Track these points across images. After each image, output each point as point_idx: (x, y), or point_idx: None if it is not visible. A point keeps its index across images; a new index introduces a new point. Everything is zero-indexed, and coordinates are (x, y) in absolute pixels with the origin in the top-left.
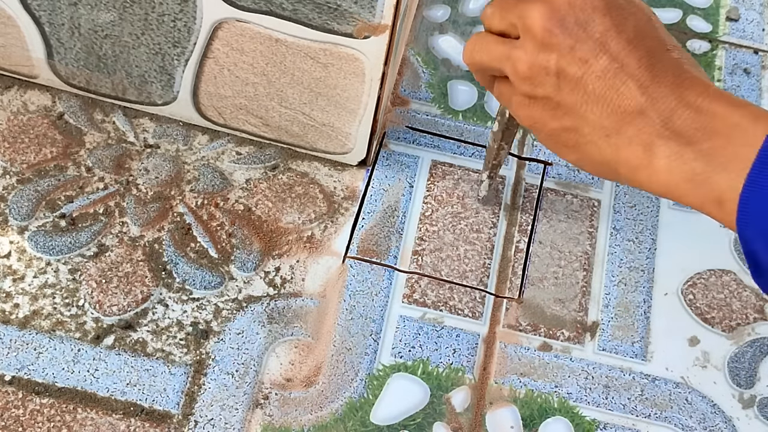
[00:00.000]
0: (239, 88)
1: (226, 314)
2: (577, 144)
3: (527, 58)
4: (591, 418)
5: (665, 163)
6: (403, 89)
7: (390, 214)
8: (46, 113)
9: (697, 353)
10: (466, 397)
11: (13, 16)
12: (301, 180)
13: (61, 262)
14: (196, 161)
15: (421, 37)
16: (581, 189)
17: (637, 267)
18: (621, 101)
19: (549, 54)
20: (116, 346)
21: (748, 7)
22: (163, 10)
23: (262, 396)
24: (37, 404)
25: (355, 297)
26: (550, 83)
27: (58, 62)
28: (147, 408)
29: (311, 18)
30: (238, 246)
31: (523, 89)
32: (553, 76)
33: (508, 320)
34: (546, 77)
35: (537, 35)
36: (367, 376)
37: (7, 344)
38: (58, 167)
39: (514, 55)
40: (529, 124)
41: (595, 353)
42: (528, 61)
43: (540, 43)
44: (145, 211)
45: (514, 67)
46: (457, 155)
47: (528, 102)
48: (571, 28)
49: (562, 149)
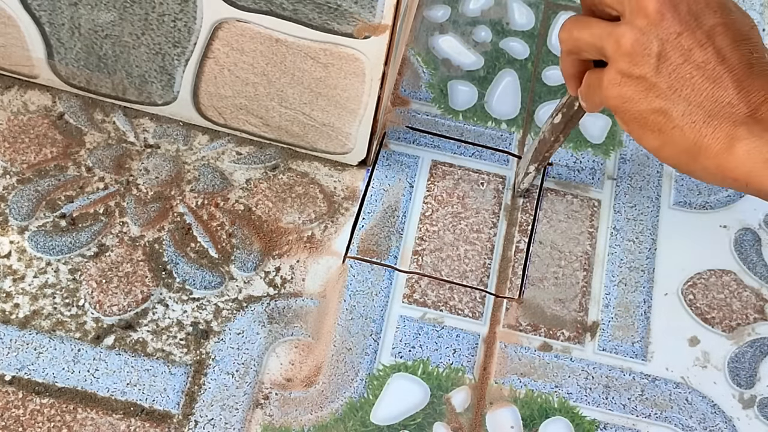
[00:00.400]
0: (239, 88)
1: (226, 314)
2: (662, 128)
3: (632, 34)
4: (591, 418)
5: (746, 148)
6: (404, 89)
7: (390, 214)
8: (46, 113)
9: (698, 353)
10: (467, 397)
11: (14, 16)
12: (302, 180)
13: (62, 262)
14: (197, 161)
15: (422, 37)
16: (581, 189)
17: (637, 267)
18: (715, 92)
19: (656, 35)
20: (116, 346)
21: (748, 7)
22: (164, 10)
23: (262, 396)
24: (37, 404)
25: (355, 297)
26: (650, 64)
27: (58, 62)
28: (147, 408)
29: (311, 18)
30: (238, 246)
31: (620, 66)
32: (655, 57)
33: (509, 320)
34: (647, 57)
35: (649, 15)
36: (368, 376)
37: (7, 344)
38: (58, 167)
39: (619, 31)
40: (618, 103)
41: (595, 353)
42: (633, 37)
43: (649, 23)
44: (145, 211)
45: (617, 42)
46: (457, 155)
47: (621, 80)
48: (682, 15)
49: (645, 133)
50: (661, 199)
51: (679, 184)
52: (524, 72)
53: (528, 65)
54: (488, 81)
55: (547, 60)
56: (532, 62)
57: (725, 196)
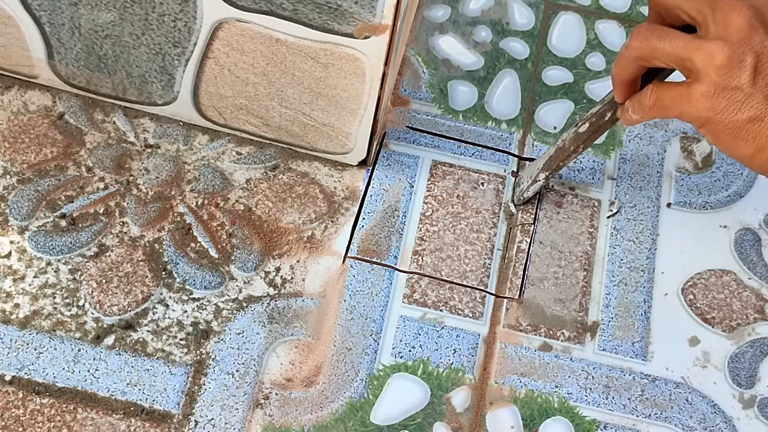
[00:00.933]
0: (239, 88)
1: (226, 314)
2: (757, 136)
3: (726, 47)
4: (591, 418)
5: None
6: (404, 89)
7: (390, 214)
8: (46, 113)
9: (698, 353)
10: (467, 397)
11: (14, 16)
12: (302, 180)
13: (62, 262)
14: (197, 161)
15: (422, 37)
16: (581, 189)
17: (637, 267)
18: None
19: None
20: (116, 346)
21: None
22: (164, 10)
23: (262, 396)
24: (37, 404)
25: (355, 297)
26: (747, 74)
27: (58, 62)
28: (147, 408)
29: (311, 18)
30: (238, 246)
31: (714, 79)
32: (750, 68)
33: (509, 320)
34: (743, 68)
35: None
36: (368, 376)
37: (7, 344)
38: (58, 167)
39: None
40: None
41: (595, 353)
42: (728, 50)
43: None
44: (145, 211)
45: (711, 56)
46: (457, 155)
47: (715, 92)
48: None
49: (738, 142)
50: (661, 199)
51: (679, 185)
52: (524, 72)
53: (528, 65)
54: (488, 81)
55: (547, 60)
56: (532, 62)
57: (725, 196)
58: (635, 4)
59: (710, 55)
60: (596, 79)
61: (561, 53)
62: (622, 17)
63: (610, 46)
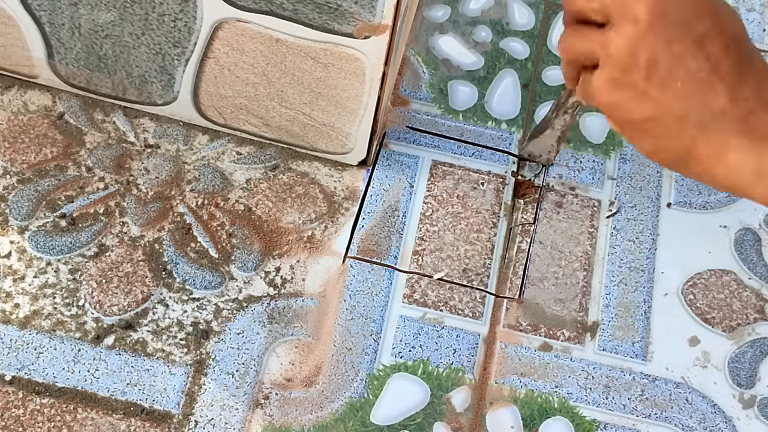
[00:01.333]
0: (239, 88)
1: (226, 314)
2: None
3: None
4: (591, 418)
5: (736, 157)
6: (404, 89)
7: (390, 214)
8: (46, 113)
9: (698, 353)
10: (467, 397)
11: (14, 16)
12: (302, 180)
13: (62, 262)
14: (197, 161)
15: (422, 37)
16: (581, 189)
17: (637, 267)
18: (707, 100)
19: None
20: (116, 346)
21: (748, 8)
22: (164, 10)
23: (262, 396)
24: (37, 404)
25: (355, 297)
26: (640, 72)
27: (58, 62)
28: (147, 408)
29: (312, 18)
30: (238, 246)
31: (609, 73)
32: (644, 65)
33: (509, 320)
34: (637, 65)
35: (638, 22)
36: (368, 376)
37: (7, 344)
38: (58, 167)
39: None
40: (609, 109)
41: (595, 353)
42: (623, 45)
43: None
44: (145, 211)
45: (607, 50)
46: (457, 155)
47: (613, 87)
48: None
49: (638, 137)
50: (661, 199)
51: (679, 184)
52: (524, 72)
53: (528, 65)
54: (488, 81)
55: (547, 60)
56: (532, 62)
57: (725, 196)
58: None
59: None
60: None
61: None
62: None
63: None
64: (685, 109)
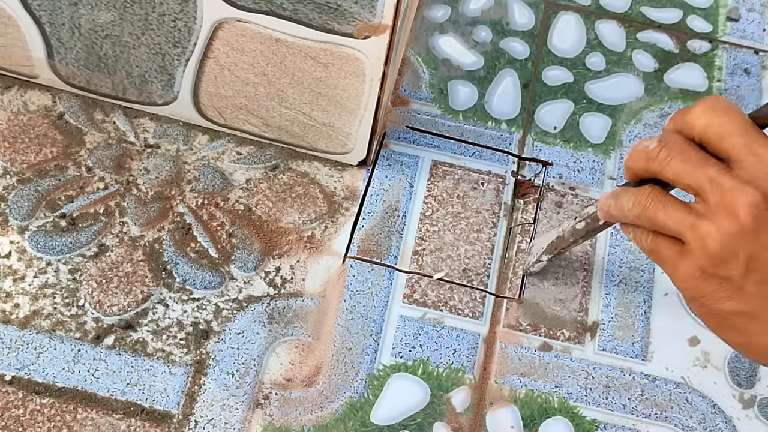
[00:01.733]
0: (239, 88)
1: (226, 314)
2: (746, 330)
3: (720, 236)
4: (591, 418)
5: None
6: (404, 89)
7: (390, 214)
8: (46, 113)
9: (698, 353)
10: (467, 397)
11: (14, 16)
12: (302, 180)
13: (62, 262)
14: (197, 161)
15: (422, 37)
16: (581, 189)
17: (637, 267)
18: None
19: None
20: (116, 346)
21: (749, 8)
22: (164, 10)
23: (262, 396)
24: (37, 404)
25: (355, 297)
26: (739, 268)
27: (58, 62)
28: (147, 408)
29: (312, 18)
30: (238, 246)
31: (702, 263)
32: (743, 262)
33: (509, 320)
34: (735, 260)
35: (740, 220)
36: (368, 376)
37: (7, 344)
38: (58, 167)
39: (704, 229)
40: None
41: (595, 353)
42: (721, 240)
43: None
44: (145, 211)
45: (702, 241)
46: (457, 155)
47: (702, 276)
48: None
49: (726, 330)
50: None
51: None
52: (524, 72)
53: (528, 65)
54: (488, 81)
55: (547, 60)
56: (532, 62)
57: None
58: (635, 4)
59: (701, 241)
60: (596, 79)
61: (561, 53)
62: (622, 17)
63: (610, 46)
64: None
